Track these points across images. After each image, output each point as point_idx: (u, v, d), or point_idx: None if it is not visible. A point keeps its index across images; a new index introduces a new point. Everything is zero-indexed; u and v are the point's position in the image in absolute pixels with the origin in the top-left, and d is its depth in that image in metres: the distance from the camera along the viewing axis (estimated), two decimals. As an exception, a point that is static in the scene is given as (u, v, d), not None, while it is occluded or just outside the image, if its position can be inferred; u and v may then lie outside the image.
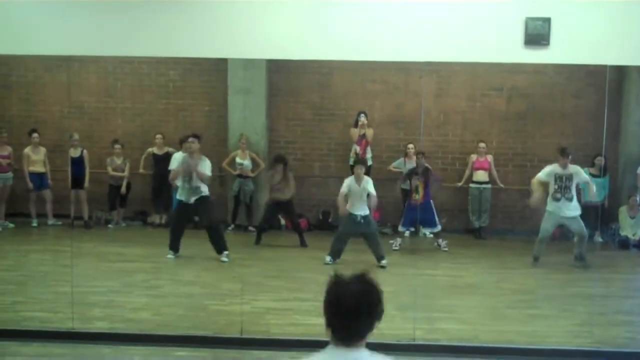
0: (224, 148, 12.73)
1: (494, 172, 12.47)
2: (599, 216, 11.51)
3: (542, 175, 10.26)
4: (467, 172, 12.58)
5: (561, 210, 10.11)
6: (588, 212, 12.01)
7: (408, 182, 11.91)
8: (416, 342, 6.50)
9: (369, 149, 12.37)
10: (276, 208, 11.45)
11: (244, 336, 6.56)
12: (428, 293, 8.20)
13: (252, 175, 12.29)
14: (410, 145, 12.41)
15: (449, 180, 12.50)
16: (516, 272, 9.99)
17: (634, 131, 12.35)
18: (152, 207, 12.97)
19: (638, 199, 11.78)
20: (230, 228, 12.31)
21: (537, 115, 12.90)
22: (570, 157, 10.27)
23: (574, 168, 10.23)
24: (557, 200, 10.13)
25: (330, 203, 12.56)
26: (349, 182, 10.04)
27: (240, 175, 12.27)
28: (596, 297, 8.14)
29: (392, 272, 9.56)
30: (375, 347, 6.58)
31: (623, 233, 11.88)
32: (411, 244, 11.65)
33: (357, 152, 12.17)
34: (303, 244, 11.15)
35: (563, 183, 10.15)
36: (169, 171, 12.32)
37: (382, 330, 6.84)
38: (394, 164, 12.62)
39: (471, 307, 7.95)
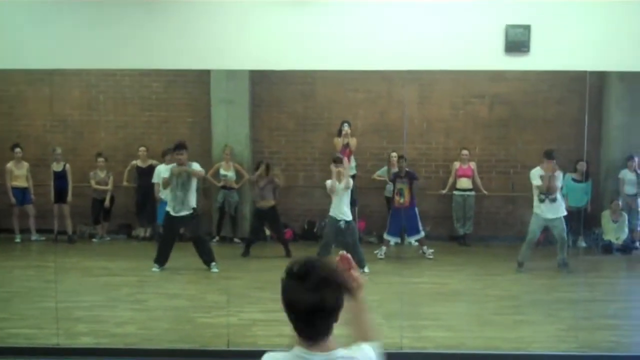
0: (208, 159, 12.69)
1: (478, 179, 12.51)
2: (582, 221, 11.58)
3: (535, 182, 10.28)
4: (451, 180, 12.62)
5: (546, 212, 10.15)
6: (571, 217, 12.10)
7: (391, 188, 11.98)
8: (403, 351, 6.50)
9: (352, 158, 12.39)
10: (261, 217, 11.44)
11: (231, 348, 6.54)
12: (414, 301, 8.21)
13: (236, 186, 12.27)
14: (394, 154, 12.44)
15: (433, 187, 12.55)
16: (501, 278, 10.03)
17: (615, 136, 12.46)
18: (136, 220, 12.91)
19: (620, 203, 11.87)
20: (215, 240, 12.28)
21: (520, 122, 12.98)
22: (554, 159, 10.32)
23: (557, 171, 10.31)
24: (542, 201, 10.18)
25: (315, 213, 12.59)
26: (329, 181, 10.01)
27: (224, 187, 12.24)
28: (581, 301, 8.18)
29: (377, 280, 9.55)
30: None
31: (606, 237, 11.95)
32: (396, 252, 11.65)
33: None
34: (288, 254, 11.13)
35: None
36: (153, 184, 12.35)
37: (369, 340, 6.83)
38: (378, 172, 12.65)
39: (457, 314, 7.96)
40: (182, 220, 10.07)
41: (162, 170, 12.28)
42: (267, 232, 12.36)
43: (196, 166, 10.28)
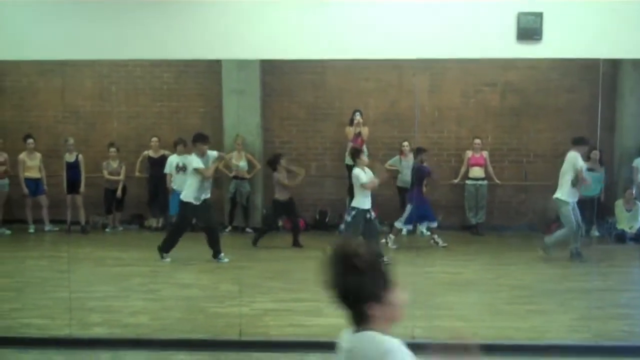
0: (220, 149, 12.67)
1: (490, 168, 12.48)
2: (595, 210, 11.51)
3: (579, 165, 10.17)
4: (463, 169, 12.59)
5: (573, 197, 10.14)
6: (584, 206, 12.03)
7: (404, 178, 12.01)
8: (415, 341, 6.48)
9: (364, 148, 12.35)
10: (278, 209, 11.43)
11: (243, 338, 6.54)
12: (426, 291, 8.18)
13: (248, 176, 12.28)
14: (405, 143, 12.42)
15: (445, 177, 12.50)
16: (514, 267, 9.99)
17: (629, 124, 12.36)
18: (148, 210, 12.96)
19: (634, 192, 11.79)
20: (227, 230, 12.29)
21: (532, 110, 12.91)
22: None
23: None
24: (574, 186, 10.17)
25: (327, 202, 12.59)
26: (360, 172, 9.83)
27: (236, 177, 12.26)
28: (594, 291, 8.14)
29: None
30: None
31: (619, 226, 11.89)
32: (408, 241, 11.65)
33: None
34: (296, 244, 11.13)
35: None
36: (165, 174, 12.38)
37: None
38: (390, 161, 12.61)
39: (470, 304, 7.94)
40: (199, 208, 10.04)
41: (174, 160, 12.35)
42: (279, 222, 12.37)
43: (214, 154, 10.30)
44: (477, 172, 12.46)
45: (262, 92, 12.85)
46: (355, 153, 10.17)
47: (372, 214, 9.88)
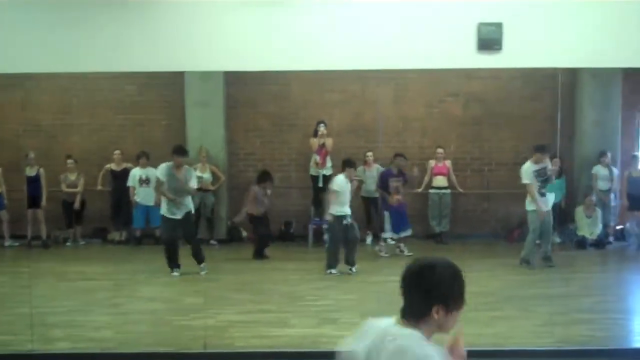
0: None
1: (453, 177, 12.59)
2: (556, 217, 11.68)
3: (527, 180, 10.27)
4: (427, 178, 12.68)
5: (544, 206, 10.23)
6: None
7: (368, 188, 12.08)
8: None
9: (328, 158, 12.40)
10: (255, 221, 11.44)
11: (208, 350, 6.50)
12: (392, 299, 8.19)
13: (212, 188, 12.24)
14: (369, 153, 12.47)
15: (409, 186, 12.56)
16: (477, 275, 10.02)
17: (588, 132, 12.59)
18: (111, 223, 12.83)
19: (594, 198, 11.98)
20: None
21: (494, 119, 13.07)
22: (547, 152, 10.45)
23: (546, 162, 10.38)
24: (543, 195, 10.27)
25: (292, 213, 12.59)
26: (341, 180, 9.99)
27: (200, 189, 12.17)
28: (556, 296, 8.25)
29: (356, 279, 9.59)
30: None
31: (580, 233, 12.06)
32: (372, 251, 11.69)
33: (317, 161, 12.21)
34: (260, 255, 11.15)
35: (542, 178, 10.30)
36: (128, 187, 12.29)
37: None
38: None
39: (434, 312, 7.97)
40: (178, 221, 9.87)
41: (137, 173, 12.26)
42: (244, 233, 12.34)
43: (193, 176, 10.12)
44: (440, 181, 12.57)
45: (226, 103, 12.83)
46: (348, 163, 10.23)
47: (350, 220, 9.95)
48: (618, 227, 12.45)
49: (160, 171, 9.89)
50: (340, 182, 9.96)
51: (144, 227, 12.51)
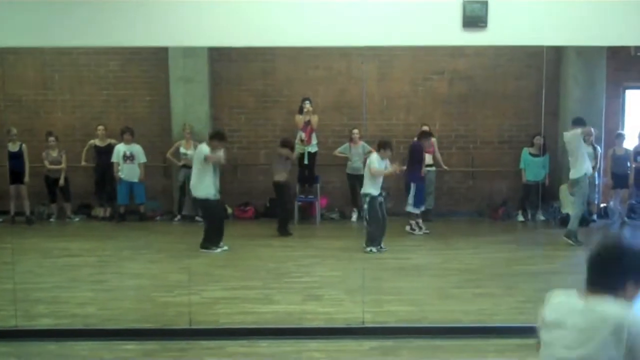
0: (168, 138, 12.61)
1: (438, 155, 12.59)
2: (540, 195, 11.76)
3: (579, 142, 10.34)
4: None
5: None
6: (529, 190, 12.32)
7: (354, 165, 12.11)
8: (365, 325, 6.55)
9: (314, 135, 12.39)
10: (278, 189, 11.41)
11: (193, 327, 6.50)
12: (376, 276, 8.27)
13: (197, 165, 12.18)
14: (355, 130, 12.47)
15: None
16: (462, 252, 10.14)
17: (573, 110, 12.59)
18: (95, 200, 12.78)
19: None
20: (176, 219, 12.23)
21: (479, 97, 13.09)
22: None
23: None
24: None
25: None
26: (376, 159, 9.95)
27: (185, 166, 12.15)
28: (540, 274, 8.31)
29: (340, 256, 9.62)
30: (324, 331, 6.61)
31: (564, 210, 12.12)
32: (358, 228, 11.72)
33: (303, 138, 12.20)
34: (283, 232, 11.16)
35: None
36: (112, 163, 12.23)
37: (331, 315, 6.89)
38: (340, 149, 12.67)
39: (419, 289, 8.03)
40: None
41: (121, 149, 12.21)
42: (230, 210, 12.33)
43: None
44: (425, 159, 12.58)
45: (210, 80, 12.76)
46: (383, 145, 10.13)
47: (384, 196, 10.04)
48: (602, 205, 12.53)
49: (206, 150, 9.80)
50: (377, 161, 9.90)
51: (128, 204, 12.48)
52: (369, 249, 9.73)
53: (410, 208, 11.30)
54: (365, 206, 9.90)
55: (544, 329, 3.00)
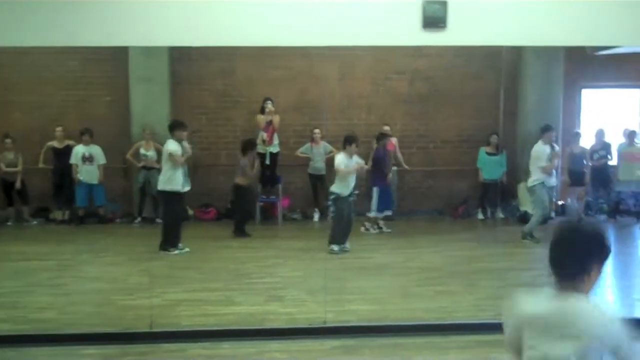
0: (127, 139, 12.47)
1: (399, 155, 12.67)
2: (499, 193, 11.92)
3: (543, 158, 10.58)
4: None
5: (551, 181, 10.60)
6: (487, 189, 12.48)
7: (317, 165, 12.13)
8: (327, 325, 6.56)
9: (275, 135, 12.37)
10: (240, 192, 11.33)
11: (154, 330, 6.45)
12: (338, 276, 8.29)
13: (157, 166, 12.06)
14: (317, 130, 12.49)
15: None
16: (424, 250, 10.22)
17: (530, 110, 12.81)
18: (54, 202, 12.59)
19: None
20: (137, 221, 12.11)
21: (439, 97, 13.20)
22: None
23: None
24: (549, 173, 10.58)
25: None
26: (342, 158, 9.82)
27: (145, 167, 12.06)
28: (499, 270, 8.42)
29: (302, 257, 9.62)
30: (286, 332, 6.60)
31: (522, 208, 12.31)
32: (320, 228, 11.74)
33: (264, 139, 12.17)
34: (241, 233, 11.10)
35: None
36: (71, 165, 12.05)
37: (293, 315, 6.89)
38: (301, 149, 12.67)
39: (381, 287, 8.07)
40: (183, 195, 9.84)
41: (80, 150, 12.05)
42: (191, 211, 12.24)
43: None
44: (390, 164, 12.65)
45: (170, 80, 12.66)
46: (349, 140, 9.97)
47: (354, 196, 9.96)
48: (559, 203, 12.73)
49: (173, 146, 9.64)
50: (343, 161, 9.78)
51: (87, 206, 12.32)
52: (331, 247, 9.74)
53: (373, 214, 11.37)
54: (330, 205, 9.90)
55: (518, 328, 2.89)
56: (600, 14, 6.48)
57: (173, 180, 9.58)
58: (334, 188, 9.82)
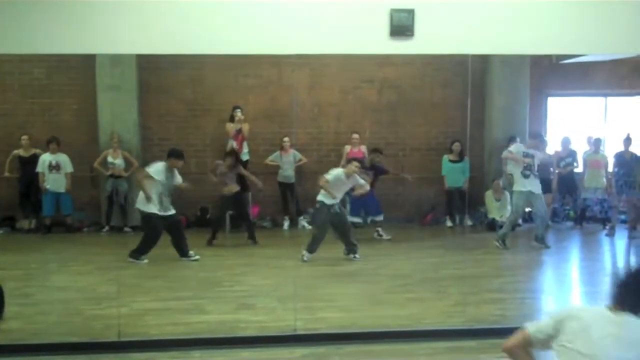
0: (95, 147, 12.36)
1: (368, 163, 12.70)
2: (465, 199, 12.04)
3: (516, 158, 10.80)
4: (342, 163, 12.75)
5: (528, 186, 10.62)
6: (452, 196, 12.60)
7: (285, 174, 12.11)
8: (297, 333, 6.56)
9: (245, 144, 12.35)
10: (227, 203, 11.24)
11: (122, 339, 6.39)
12: (308, 284, 8.29)
13: (125, 174, 12.00)
14: (286, 139, 12.50)
15: (325, 171, 12.55)
16: (393, 258, 10.27)
17: (497, 118, 12.96)
18: (20, 211, 12.43)
19: (502, 182, 12.34)
20: (104, 230, 12.00)
21: (408, 105, 13.30)
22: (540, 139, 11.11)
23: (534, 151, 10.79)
24: (527, 177, 10.60)
25: (208, 199, 12.47)
26: (338, 174, 9.90)
27: (112, 175, 11.97)
28: (468, 277, 8.48)
29: (272, 265, 9.61)
30: (257, 340, 6.58)
31: (490, 216, 12.43)
32: (290, 236, 11.75)
33: (234, 147, 12.14)
34: (253, 239, 11.08)
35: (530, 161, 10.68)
36: (37, 174, 11.92)
37: (264, 323, 6.88)
38: (271, 157, 12.66)
39: (350, 295, 8.09)
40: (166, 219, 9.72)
41: (47, 159, 11.92)
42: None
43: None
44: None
45: (138, 88, 12.58)
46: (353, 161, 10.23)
47: (339, 208, 9.93)
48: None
49: (152, 168, 9.64)
50: (333, 176, 9.89)
51: (54, 215, 12.18)
52: (302, 253, 9.73)
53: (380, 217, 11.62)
54: (313, 213, 9.92)
55: (568, 337, 3.22)
56: (566, 22, 6.59)
57: (149, 201, 9.53)
58: (319, 196, 9.86)
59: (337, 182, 9.82)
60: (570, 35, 6.63)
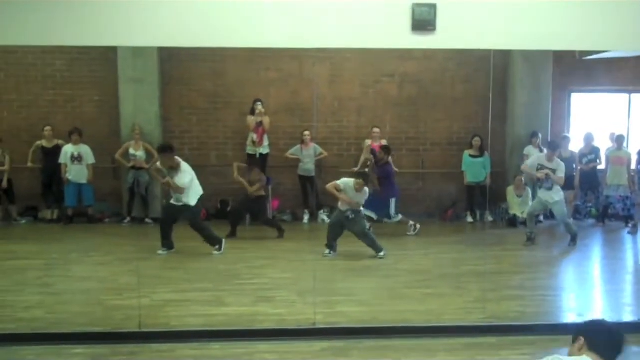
0: (117, 139, 12.44)
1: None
2: (487, 195, 11.98)
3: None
4: (363, 157, 12.76)
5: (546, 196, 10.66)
6: (472, 191, 12.54)
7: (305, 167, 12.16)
8: (316, 327, 6.57)
9: (265, 137, 12.37)
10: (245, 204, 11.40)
11: (143, 330, 6.44)
12: (328, 278, 8.30)
13: (146, 166, 12.07)
14: (307, 132, 12.50)
15: (345, 165, 12.64)
16: (412, 253, 10.26)
17: (519, 114, 12.87)
18: (42, 202, 12.54)
19: (524, 178, 12.26)
20: (126, 221, 12.09)
21: (428, 100, 13.24)
22: (558, 151, 10.99)
23: (557, 162, 10.66)
24: (540, 187, 10.78)
25: (229, 192, 12.51)
26: (348, 183, 9.81)
27: (134, 167, 12.05)
28: (488, 274, 8.44)
29: (291, 258, 9.63)
30: (275, 333, 6.61)
31: (511, 212, 12.36)
32: (309, 230, 11.76)
33: (254, 140, 12.18)
34: (280, 234, 11.14)
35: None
36: (60, 164, 12.02)
37: (283, 316, 6.90)
38: (291, 151, 12.67)
39: (370, 289, 8.09)
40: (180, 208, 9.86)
41: (69, 150, 12.02)
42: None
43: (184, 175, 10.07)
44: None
45: (160, 80, 12.64)
46: (362, 175, 10.09)
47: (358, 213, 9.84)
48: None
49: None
50: (346, 183, 9.85)
51: (76, 206, 12.27)
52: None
53: (398, 217, 11.52)
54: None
55: None
56: (590, 18, 6.51)
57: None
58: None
59: (348, 190, 9.77)
60: (595, 31, 6.56)
